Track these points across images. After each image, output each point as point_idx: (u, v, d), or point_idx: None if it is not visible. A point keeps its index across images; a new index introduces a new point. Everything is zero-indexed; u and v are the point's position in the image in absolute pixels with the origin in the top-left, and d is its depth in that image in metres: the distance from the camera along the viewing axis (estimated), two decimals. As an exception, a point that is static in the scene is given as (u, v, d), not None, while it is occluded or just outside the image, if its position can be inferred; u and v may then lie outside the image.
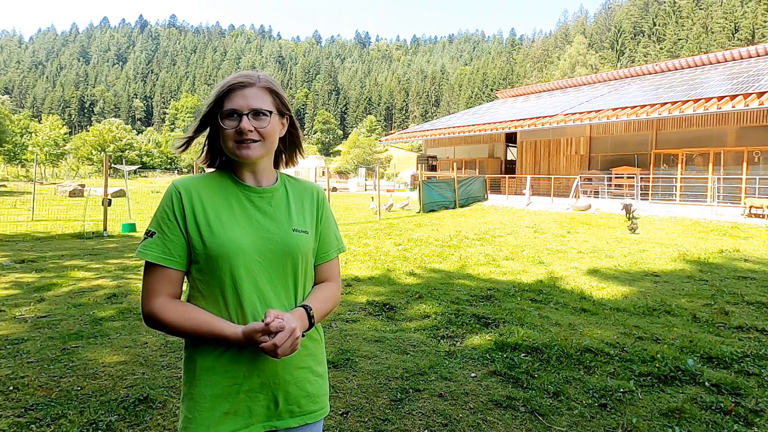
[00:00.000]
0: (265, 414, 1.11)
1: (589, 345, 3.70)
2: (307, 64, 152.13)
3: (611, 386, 3.00)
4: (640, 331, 4.14)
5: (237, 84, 1.11)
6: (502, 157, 23.99)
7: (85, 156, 57.56)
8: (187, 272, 1.13)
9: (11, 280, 5.68)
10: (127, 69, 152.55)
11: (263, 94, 1.12)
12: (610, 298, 5.38)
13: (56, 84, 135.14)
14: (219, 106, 1.10)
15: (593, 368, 3.30)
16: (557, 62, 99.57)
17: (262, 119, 1.11)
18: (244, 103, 1.09)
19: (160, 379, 3.02)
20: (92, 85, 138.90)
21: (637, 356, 3.50)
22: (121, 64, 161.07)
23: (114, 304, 4.72)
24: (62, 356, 3.34)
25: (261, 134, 1.11)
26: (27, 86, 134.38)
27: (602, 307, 4.97)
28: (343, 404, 2.76)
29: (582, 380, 3.11)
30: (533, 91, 29.75)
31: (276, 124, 1.14)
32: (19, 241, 9.14)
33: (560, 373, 3.22)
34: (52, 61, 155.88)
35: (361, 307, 4.86)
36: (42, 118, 72.87)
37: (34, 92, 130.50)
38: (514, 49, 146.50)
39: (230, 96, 1.10)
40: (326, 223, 1.27)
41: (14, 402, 2.67)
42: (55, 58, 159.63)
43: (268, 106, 1.12)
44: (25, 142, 53.03)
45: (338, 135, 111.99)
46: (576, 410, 2.71)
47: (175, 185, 1.12)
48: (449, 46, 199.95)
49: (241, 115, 1.09)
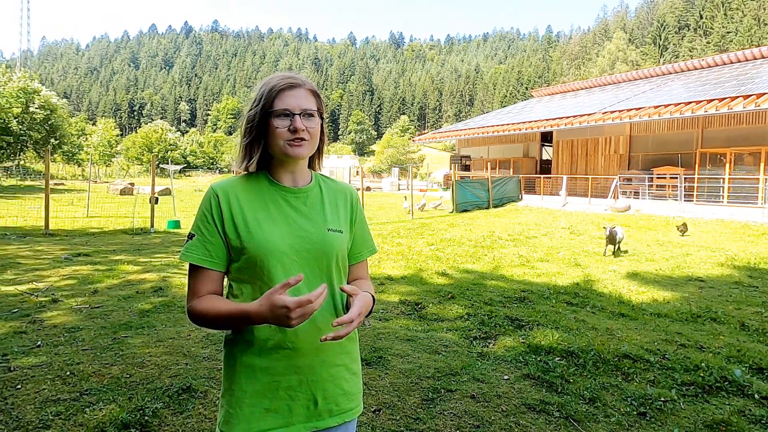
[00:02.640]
0: (305, 414, 1.12)
1: (627, 351, 3.57)
2: (342, 66, 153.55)
3: (651, 394, 2.89)
4: (683, 339, 3.96)
5: (287, 84, 1.13)
6: (537, 157, 23.48)
7: (135, 156, 60.40)
8: (227, 271, 1.16)
9: (69, 272, 6.04)
10: (173, 73, 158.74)
11: (310, 95, 1.15)
12: (651, 303, 5.17)
13: (109, 88, 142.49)
14: (269, 106, 1.12)
15: (632, 375, 3.19)
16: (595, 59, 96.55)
17: (311, 119, 1.13)
18: (296, 103, 1.12)
19: (202, 370, 3.13)
20: (141, 89, 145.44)
21: (680, 364, 3.36)
22: (168, 68, 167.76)
23: (159, 297, 4.93)
24: (113, 345, 3.52)
25: (310, 134, 1.13)
26: (83, 91, 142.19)
27: (642, 312, 4.79)
28: (376, 402, 2.78)
29: (620, 387, 3.01)
30: (570, 89, 28.96)
31: (319, 126, 1.17)
32: (75, 236, 9.67)
33: (597, 378, 3.13)
34: (105, 67, 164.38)
35: (394, 305, 4.87)
36: (96, 120, 77.38)
37: (90, 96, 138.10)
38: (550, 47, 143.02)
39: (281, 96, 1.12)
40: (360, 224, 1.29)
41: (71, 386, 2.83)
42: (109, 64, 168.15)
43: (315, 108, 1.15)
44: (81, 144, 56.12)
45: (372, 135, 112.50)
46: (613, 418, 2.63)
47: (213, 188, 1.15)
48: (483, 44, 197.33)
49: (294, 115, 1.11)
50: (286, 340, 1.11)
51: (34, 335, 3.70)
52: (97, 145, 59.17)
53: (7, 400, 2.63)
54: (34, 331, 3.79)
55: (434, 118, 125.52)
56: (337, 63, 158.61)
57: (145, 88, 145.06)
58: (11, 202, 16.46)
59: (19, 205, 15.60)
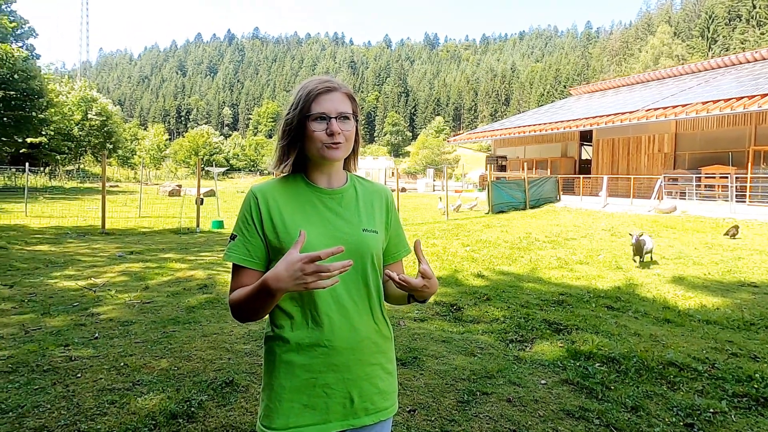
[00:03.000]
0: (342, 412, 1.15)
1: (673, 359, 3.44)
2: (378, 68, 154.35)
3: (699, 405, 2.77)
4: (735, 347, 3.78)
5: (323, 89, 1.15)
6: (576, 157, 22.84)
7: (182, 159, 63.39)
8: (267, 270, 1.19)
9: (122, 269, 6.42)
10: (217, 79, 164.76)
11: (346, 99, 1.18)
12: (699, 309, 4.95)
13: (159, 95, 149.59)
14: (306, 110, 1.15)
15: (678, 384, 3.07)
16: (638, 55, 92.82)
17: (347, 122, 1.16)
18: (332, 106, 1.14)
19: (243, 365, 3.25)
20: (188, 95, 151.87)
21: (731, 374, 3.21)
22: (212, 75, 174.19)
23: (204, 294, 5.15)
24: (162, 339, 3.72)
25: (345, 137, 1.16)
26: (136, 98, 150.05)
27: (689, 319, 4.60)
28: (411, 402, 2.80)
29: (665, 396, 2.90)
30: (611, 86, 28.01)
31: (354, 129, 1.19)
32: (128, 235, 10.23)
33: (640, 386, 3.03)
34: (155, 75, 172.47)
35: (429, 306, 4.88)
36: (147, 126, 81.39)
37: (141, 103, 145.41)
38: (589, 43, 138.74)
39: (318, 100, 1.14)
40: (395, 225, 1.30)
41: (124, 377, 3.02)
42: (158, 72, 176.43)
43: (351, 111, 1.17)
44: (134, 148, 59.37)
45: (407, 136, 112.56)
46: (658, 428, 2.54)
47: (253, 191, 1.19)
48: (520, 43, 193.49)
49: (330, 118, 1.13)
50: (323, 338, 1.13)
51: (92, 327, 3.96)
52: (148, 149, 62.62)
53: (69, 388, 2.83)
54: (92, 324, 4.05)
55: (469, 119, 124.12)
56: (372, 65, 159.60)
57: (191, 94, 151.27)
58: (72, 203, 17.53)
59: (79, 205, 16.60)
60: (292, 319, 1.15)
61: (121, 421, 2.46)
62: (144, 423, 2.44)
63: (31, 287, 5.26)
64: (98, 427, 2.40)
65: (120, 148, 45.99)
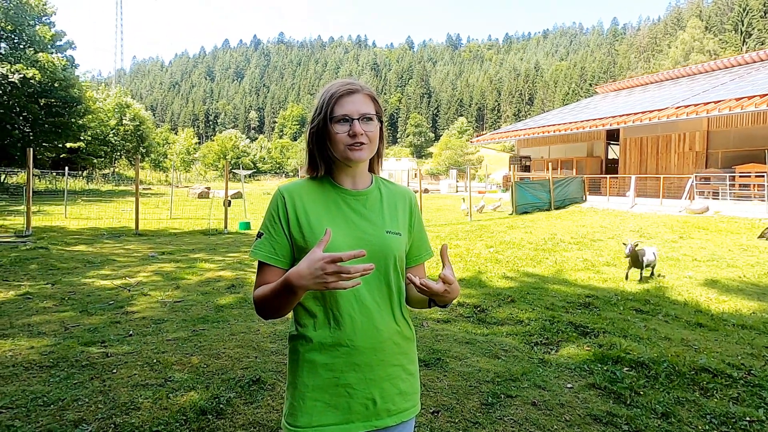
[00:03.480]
0: (364, 413, 1.16)
1: (706, 364, 3.34)
2: (400, 70, 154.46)
3: (734, 413, 2.68)
4: (772, 352, 3.65)
5: (345, 91, 1.17)
6: (602, 156, 22.34)
7: (211, 162, 65.19)
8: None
9: (155, 268, 6.64)
10: (244, 84, 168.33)
11: (368, 100, 1.19)
12: (733, 313, 4.79)
13: (188, 100, 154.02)
14: (329, 113, 1.17)
15: (711, 390, 2.98)
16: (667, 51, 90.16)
17: (369, 123, 1.17)
18: (354, 108, 1.16)
19: (270, 363, 3.32)
20: (216, 99, 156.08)
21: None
22: (239, 79, 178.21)
23: (233, 294, 5.28)
24: (193, 337, 3.84)
25: (369, 137, 1.17)
26: (167, 103, 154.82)
27: (723, 323, 4.45)
28: (434, 403, 2.80)
29: (697, 403, 2.82)
30: (638, 84, 27.29)
31: (377, 129, 1.21)
32: (160, 236, 10.54)
33: (671, 392, 2.96)
34: (185, 81, 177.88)
35: (452, 307, 4.87)
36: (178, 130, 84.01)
37: (172, 108, 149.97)
38: (616, 40, 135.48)
39: (340, 102, 1.16)
40: (418, 228, 1.31)
41: (157, 373, 3.12)
42: (188, 78, 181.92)
43: (373, 111, 1.19)
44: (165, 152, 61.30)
45: (430, 137, 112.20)
46: (689, 434, 2.48)
47: (280, 190, 1.22)
48: (543, 41, 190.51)
49: (353, 120, 1.15)
50: (345, 338, 1.15)
51: (127, 325, 4.11)
52: (178, 153, 64.68)
53: (105, 383, 2.94)
54: (127, 322, 4.21)
55: (492, 119, 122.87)
56: (395, 67, 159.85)
57: (219, 99, 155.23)
58: (108, 205, 18.18)
59: (114, 208, 17.20)
60: (315, 318, 1.17)
61: (154, 416, 2.55)
62: (175, 418, 2.52)
63: (71, 286, 5.48)
64: (132, 421, 2.49)
65: (152, 152, 47.70)
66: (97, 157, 39.61)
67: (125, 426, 2.44)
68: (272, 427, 2.50)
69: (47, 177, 29.55)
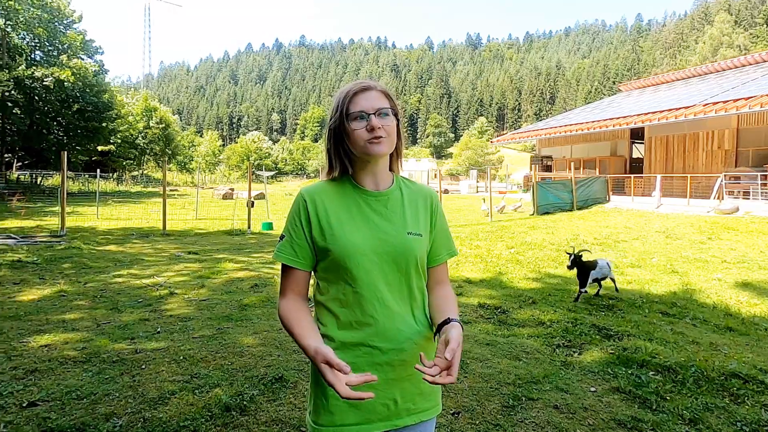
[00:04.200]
0: (386, 413, 1.17)
1: (736, 369, 3.25)
2: (420, 71, 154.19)
3: (767, 421, 2.61)
4: (806, 358, 3.52)
5: (359, 89, 1.19)
6: (626, 155, 21.85)
7: (235, 164, 66.48)
8: (315, 271, 1.25)
9: (181, 268, 6.83)
10: (267, 87, 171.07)
11: (382, 96, 1.20)
12: (766, 317, 4.64)
13: (213, 104, 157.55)
14: (345, 111, 1.19)
15: (742, 397, 2.90)
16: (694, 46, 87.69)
17: (385, 118, 1.18)
18: (369, 104, 1.17)
19: (292, 362, 3.37)
20: (240, 102, 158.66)
21: (802, 387, 3.00)
22: (262, 82, 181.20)
23: (256, 293, 5.38)
24: (217, 335, 3.93)
25: (386, 131, 1.18)
26: (192, 107, 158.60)
27: (755, 327, 4.32)
28: (455, 404, 2.80)
29: (727, 409, 2.75)
30: (664, 81, 26.60)
31: (394, 125, 1.22)
32: (186, 236, 10.81)
33: (699, 398, 2.88)
34: (210, 85, 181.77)
35: (473, 309, 4.85)
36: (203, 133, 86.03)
37: (197, 112, 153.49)
38: (640, 36, 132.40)
39: (354, 100, 1.18)
40: (440, 227, 1.31)
41: (183, 369, 3.21)
42: (213, 81, 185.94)
43: (388, 106, 1.20)
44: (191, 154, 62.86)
45: (450, 138, 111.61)
46: (718, 440, 2.42)
47: (302, 193, 1.24)
48: (565, 39, 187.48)
49: (369, 115, 1.16)
50: (367, 338, 1.16)
51: (155, 323, 4.23)
52: (203, 155, 66.05)
53: (135, 378, 3.04)
54: (155, 319, 4.34)
55: (513, 118, 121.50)
56: (414, 68, 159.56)
57: (242, 102, 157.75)
58: (137, 207, 18.71)
59: (143, 209, 17.69)
60: (337, 319, 1.19)
61: (180, 411, 2.62)
62: (201, 414, 2.59)
63: (102, 284, 5.69)
64: (160, 416, 2.57)
65: (179, 154, 48.99)
66: (126, 159, 41.00)
67: (154, 420, 2.51)
68: (294, 424, 2.54)
69: (80, 179, 30.71)
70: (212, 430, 2.46)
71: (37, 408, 2.63)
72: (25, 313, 4.38)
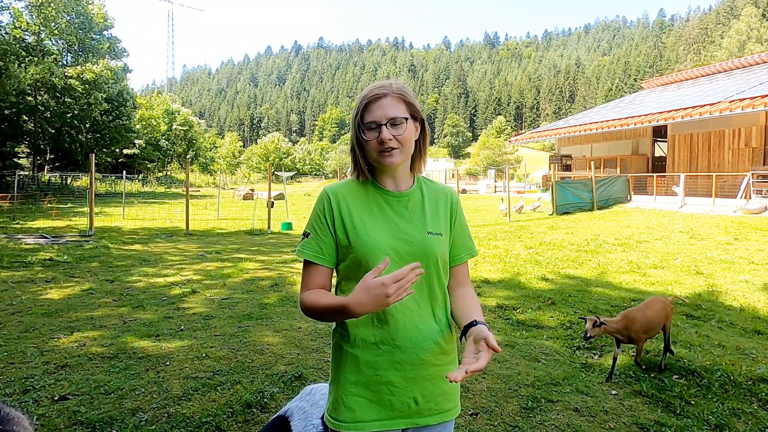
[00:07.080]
0: (406, 411, 1.18)
1: (764, 374, 3.18)
2: (437, 70, 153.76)
3: (795, 426, 2.54)
4: (838, 363, 3.41)
5: (373, 96, 1.18)
6: (648, 154, 21.40)
7: (255, 165, 67.52)
8: (337, 270, 1.26)
9: (203, 267, 6.97)
10: (286, 88, 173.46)
11: (397, 102, 1.19)
12: (795, 320, 4.51)
13: (234, 106, 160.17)
14: (360, 119, 1.20)
15: (770, 402, 2.83)
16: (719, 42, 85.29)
17: (399, 127, 1.18)
18: (382, 113, 1.17)
19: (311, 360, 3.41)
20: (259, 104, 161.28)
21: (833, 392, 2.91)
22: (281, 84, 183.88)
23: (275, 292, 5.46)
24: (238, 333, 4.00)
25: (399, 141, 1.19)
26: (214, 109, 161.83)
27: (783, 330, 4.20)
28: (473, 405, 2.80)
29: (755, 415, 2.69)
30: (687, 77, 25.96)
31: (411, 130, 1.21)
32: (208, 236, 11.01)
33: (725, 403, 2.83)
34: (231, 87, 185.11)
35: (491, 309, 4.83)
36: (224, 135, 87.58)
37: (219, 114, 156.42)
38: (663, 32, 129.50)
39: (369, 108, 1.18)
40: (459, 227, 1.31)
41: (205, 367, 3.28)
42: (233, 84, 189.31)
43: (402, 113, 1.19)
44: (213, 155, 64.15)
45: (467, 137, 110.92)
46: (745, 446, 2.37)
47: (326, 191, 1.26)
48: (585, 36, 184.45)
49: (380, 126, 1.16)
50: (387, 337, 1.17)
51: (179, 320, 4.34)
52: (224, 156, 67.21)
53: (159, 374, 3.13)
54: (179, 317, 4.44)
55: (531, 117, 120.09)
56: (432, 68, 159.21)
57: (262, 104, 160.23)
58: (161, 207, 19.16)
59: (166, 209, 18.10)
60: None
61: (203, 407, 2.68)
62: (223, 410, 2.64)
63: (128, 283, 5.84)
64: (184, 411, 2.63)
65: (201, 155, 49.94)
66: (150, 161, 42.01)
67: (177, 416, 2.58)
68: (314, 422, 2.57)
69: (107, 180, 31.59)
70: (233, 426, 2.51)
71: (67, 402, 2.72)
72: (56, 310, 4.53)
